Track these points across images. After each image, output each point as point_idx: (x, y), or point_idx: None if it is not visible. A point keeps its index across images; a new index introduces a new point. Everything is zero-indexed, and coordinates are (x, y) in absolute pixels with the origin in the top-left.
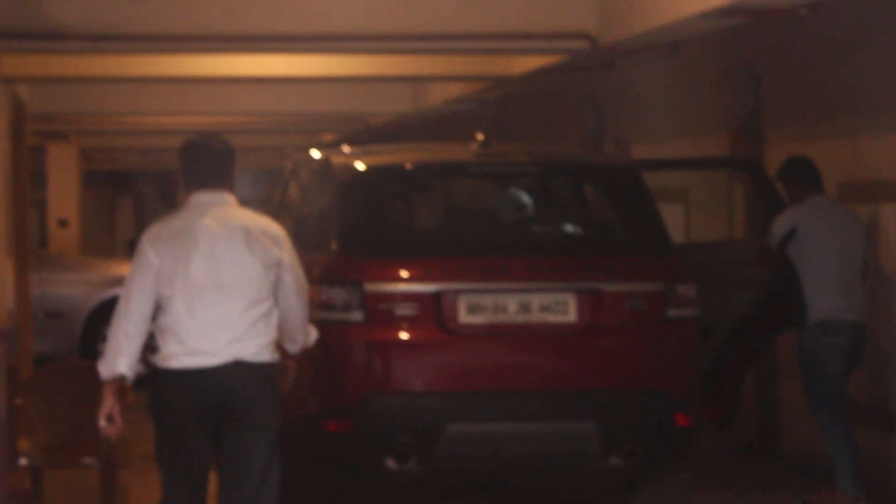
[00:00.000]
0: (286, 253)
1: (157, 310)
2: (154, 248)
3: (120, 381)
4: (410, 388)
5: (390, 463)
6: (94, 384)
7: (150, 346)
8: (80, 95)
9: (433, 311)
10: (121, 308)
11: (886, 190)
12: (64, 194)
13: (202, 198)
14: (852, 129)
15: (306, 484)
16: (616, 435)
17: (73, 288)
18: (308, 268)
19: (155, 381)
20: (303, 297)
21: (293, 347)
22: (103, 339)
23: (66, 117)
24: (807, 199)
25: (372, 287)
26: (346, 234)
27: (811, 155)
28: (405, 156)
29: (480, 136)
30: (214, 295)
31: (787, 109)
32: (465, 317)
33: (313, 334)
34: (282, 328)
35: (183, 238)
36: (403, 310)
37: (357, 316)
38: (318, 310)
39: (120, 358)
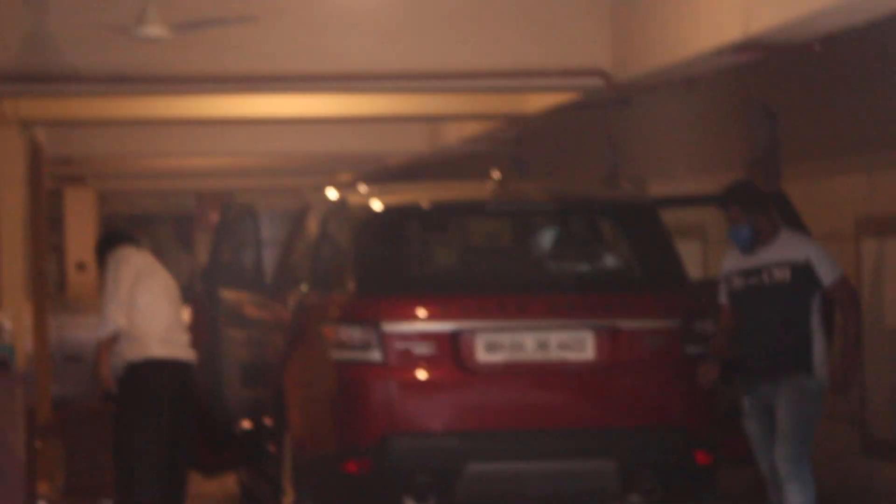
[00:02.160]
0: None
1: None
2: (133, 262)
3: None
4: (429, 428)
5: (409, 503)
6: (110, 427)
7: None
8: (96, 139)
9: (451, 349)
10: (114, 301)
11: None
12: (81, 238)
13: (131, 249)
14: (868, 164)
15: None
16: (635, 472)
17: (91, 331)
18: (325, 307)
19: (130, 375)
20: None
21: None
22: None
23: (83, 161)
24: (784, 229)
25: (389, 326)
26: (364, 274)
27: (828, 190)
28: (422, 195)
29: (497, 175)
30: (172, 304)
31: (802, 145)
32: (483, 355)
33: None
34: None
35: (144, 258)
36: (421, 349)
37: (375, 355)
38: (336, 349)
39: (120, 317)
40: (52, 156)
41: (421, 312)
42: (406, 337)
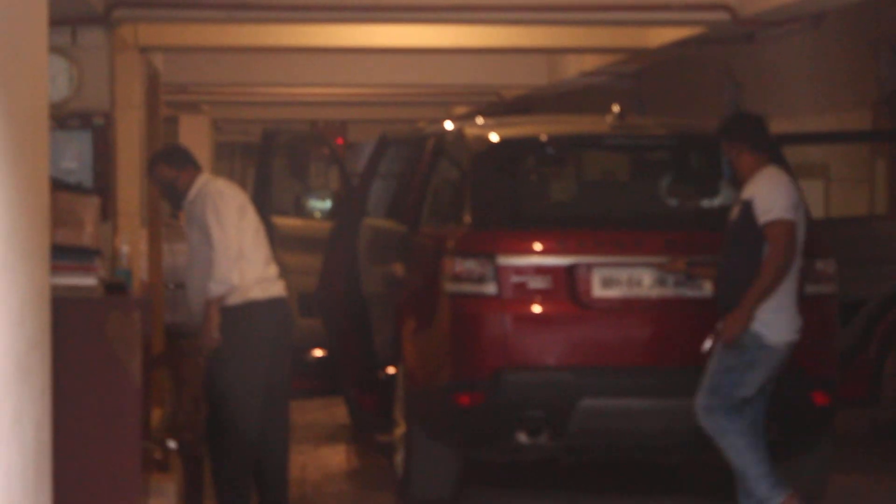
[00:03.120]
0: None
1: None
2: (228, 199)
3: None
4: (543, 362)
5: (522, 437)
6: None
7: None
8: (213, 66)
9: (566, 284)
10: (226, 255)
11: None
12: None
13: (217, 181)
14: None
15: (438, 455)
16: None
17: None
18: (440, 239)
19: (226, 318)
20: None
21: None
22: None
23: (199, 88)
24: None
25: (505, 259)
26: (480, 207)
27: None
28: (540, 128)
29: (616, 109)
30: (263, 240)
31: None
32: (598, 290)
33: None
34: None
35: (236, 192)
36: (536, 283)
37: (490, 288)
38: (451, 282)
39: (234, 274)
40: (169, 83)
41: (537, 246)
42: (521, 270)
